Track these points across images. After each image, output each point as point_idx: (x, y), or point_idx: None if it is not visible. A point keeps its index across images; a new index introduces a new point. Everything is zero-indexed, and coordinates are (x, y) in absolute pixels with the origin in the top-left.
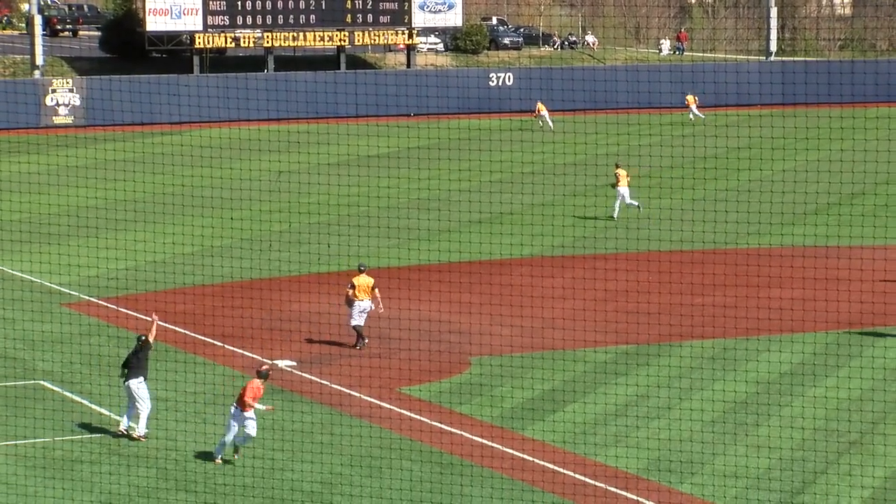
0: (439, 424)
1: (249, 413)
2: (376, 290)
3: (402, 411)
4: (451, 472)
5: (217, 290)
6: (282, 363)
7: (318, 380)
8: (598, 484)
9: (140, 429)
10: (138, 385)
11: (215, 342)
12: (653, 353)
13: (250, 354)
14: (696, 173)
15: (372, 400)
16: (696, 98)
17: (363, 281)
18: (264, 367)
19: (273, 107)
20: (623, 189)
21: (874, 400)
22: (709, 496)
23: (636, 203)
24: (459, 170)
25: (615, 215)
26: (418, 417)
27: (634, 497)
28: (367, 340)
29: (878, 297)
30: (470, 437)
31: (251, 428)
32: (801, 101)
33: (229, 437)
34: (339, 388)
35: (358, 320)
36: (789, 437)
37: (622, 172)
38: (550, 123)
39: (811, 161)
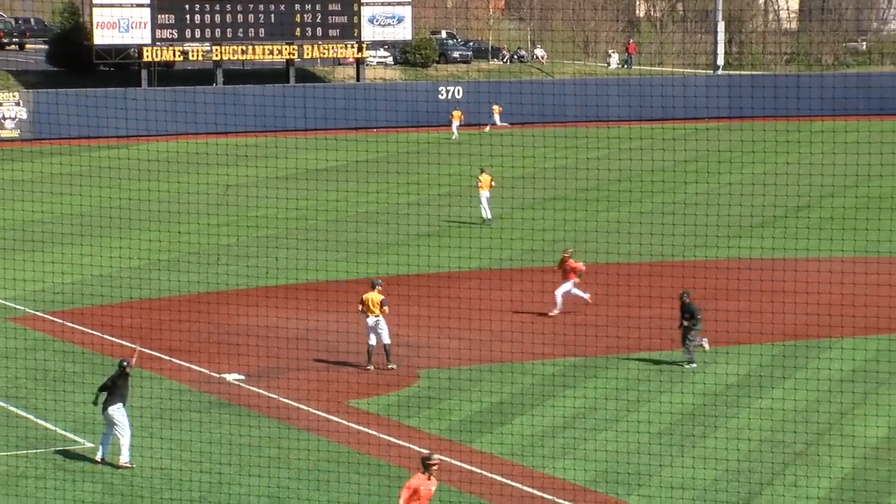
0: (388, 437)
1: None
2: (385, 307)
3: (351, 424)
4: (399, 485)
5: (164, 303)
6: (230, 377)
7: (267, 393)
8: (546, 496)
9: (124, 456)
10: (117, 411)
11: (162, 356)
12: (601, 366)
13: (198, 368)
14: (644, 186)
15: (320, 413)
16: (501, 108)
17: (370, 297)
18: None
19: (221, 120)
20: (484, 193)
21: (819, 411)
22: None
23: (489, 215)
24: (408, 183)
25: (488, 216)
26: (367, 430)
27: None
28: (392, 365)
29: (823, 308)
30: (418, 449)
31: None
32: (748, 115)
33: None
34: (287, 401)
35: (371, 339)
36: (736, 449)
37: (485, 178)
38: (456, 134)
39: (757, 174)
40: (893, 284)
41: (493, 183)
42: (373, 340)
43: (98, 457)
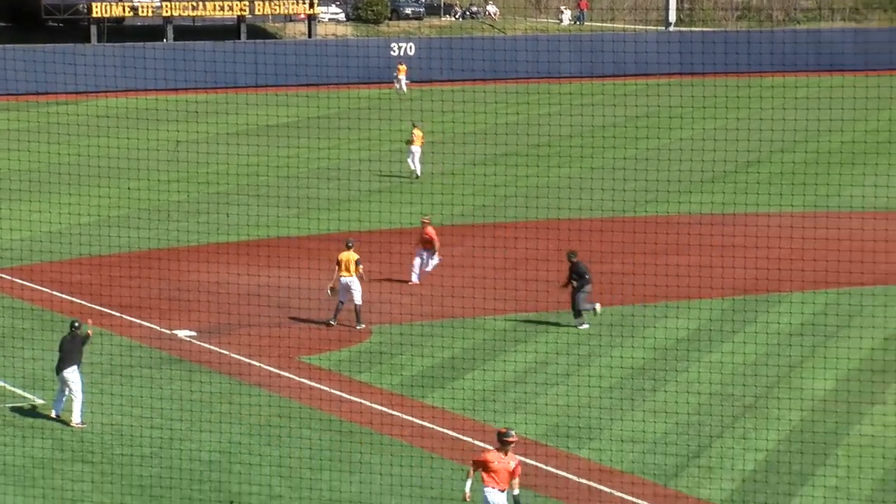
0: (339, 393)
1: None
2: (360, 267)
3: (303, 380)
4: (351, 440)
5: (115, 260)
6: (181, 333)
7: (218, 349)
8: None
9: (76, 417)
10: (71, 373)
11: (113, 312)
12: (552, 321)
13: (149, 324)
14: (596, 142)
15: (272, 369)
16: (406, 68)
17: (346, 257)
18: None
19: (172, 77)
20: (415, 148)
21: (768, 364)
22: (607, 461)
23: (419, 169)
24: (359, 139)
25: (418, 173)
26: (318, 386)
27: (533, 463)
28: (362, 324)
29: (773, 263)
30: (370, 405)
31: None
32: (700, 71)
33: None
34: (238, 357)
35: (342, 297)
36: (686, 402)
37: (418, 133)
38: (405, 87)
39: (708, 130)
40: (842, 239)
41: (423, 139)
42: (343, 298)
43: (53, 413)
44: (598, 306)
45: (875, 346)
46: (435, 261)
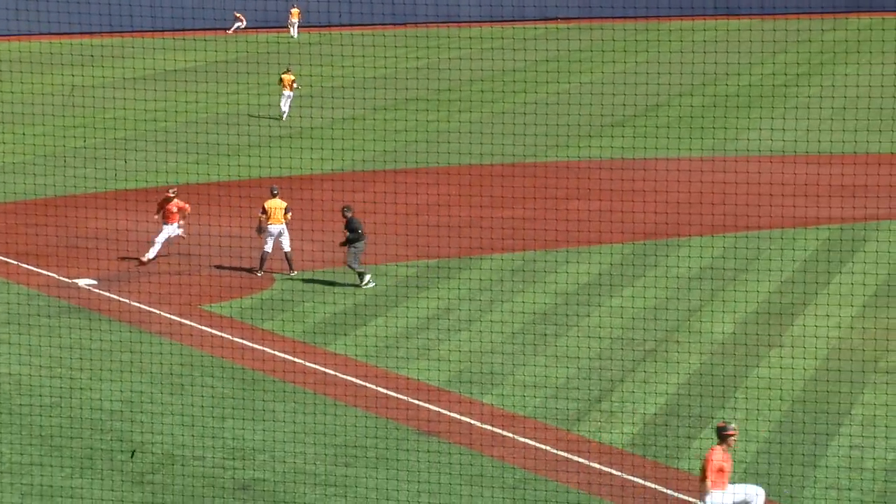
0: (242, 341)
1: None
2: (289, 214)
3: (205, 328)
4: (254, 388)
5: (12, 207)
6: (81, 282)
7: (119, 298)
8: (401, 396)
9: None
10: None
11: (10, 261)
12: (455, 267)
13: (47, 273)
14: (497, 87)
15: (173, 317)
16: (299, 12)
17: (273, 204)
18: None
19: (65, 21)
20: (287, 93)
21: (669, 309)
22: (510, 407)
23: (286, 111)
24: (259, 84)
25: (284, 115)
26: (221, 334)
27: (437, 409)
28: (294, 272)
29: (673, 207)
30: (273, 352)
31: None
32: (599, 16)
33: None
34: (139, 305)
35: (267, 246)
36: (588, 348)
37: (287, 78)
38: (295, 33)
39: (608, 74)
40: (740, 183)
41: (294, 84)
42: (269, 247)
43: None
44: (368, 278)
45: (772, 290)
46: (177, 233)
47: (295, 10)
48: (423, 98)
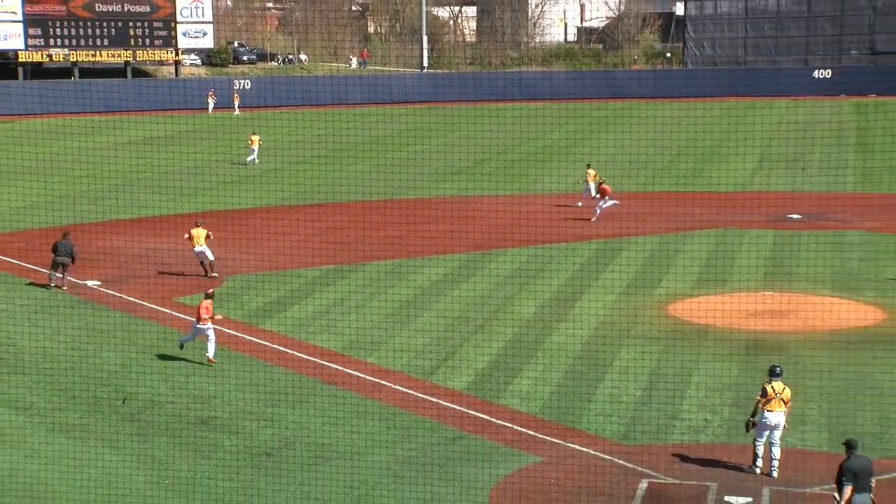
0: None
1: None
2: (210, 236)
3: (177, 314)
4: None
5: (39, 232)
6: (90, 282)
7: (116, 294)
8: (311, 358)
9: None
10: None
11: (39, 269)
12: (348, 270)
13: (66, 277)
14: (375, 147)
15: (154, 307)
16: (238, 96)
17: (196, 232)
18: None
19: (77, 104)
20: (254, 147)
21: (492, 297)
22: (385, 364)
23: (255, 160)
24: (214, 146)
25: (255, 161)
26: (187, 317)
27: (336, 366)
28: (215, 273)
29: (495, 229)
30: (225, 330)
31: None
32: (445, 100)
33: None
34: (130, 299)
35: (202, 258)
36: (438, 324)
37: (255, 137)
38: (238, 110)
39: (451, 138)
40: (539, 212)
41: (258, 141)
42: (206, 257)
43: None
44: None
45: (560, 284)
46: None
47: (236, 94)
48: (325, 155)
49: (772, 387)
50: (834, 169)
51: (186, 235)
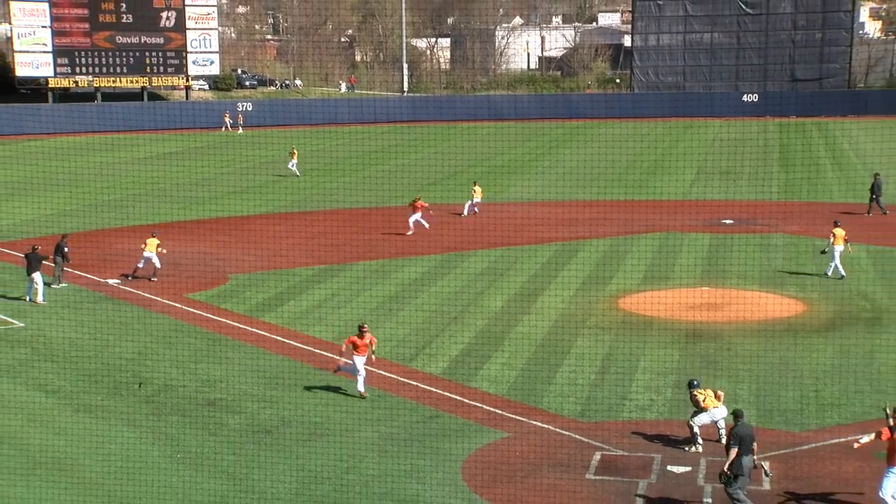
0: (209, 315)
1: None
2: (163, 250)
3: (187, 308)
4: (217, 344)
5: (69, 237)
6: (111, 281)
7: (134, 290)
8: (306, 347)
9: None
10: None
11: (67, 269)
12: (337, 269)
13: (89, 276)
14: (362, 161)
15: (167, 301)
16: (243, 118)
17: (151, 242)
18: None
19: (100, 124)
20: (293, 160)
21: (465, 293)
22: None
23: (296, 172)
24: (221, 161)
25: (297, 174)
26: (197, 311)
27: (328, 354)
28: (155, 279)
29: (468, 232)
30: (228, 322)
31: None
32: (423, 120)
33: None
34: (146, 295)
35: (145, 264)
36: (418, 316)
37: (295, 151)
38: (241, 129)
39: (428, 153)
40: (507, 218)
41: (297, 155)
42: (140, 264)
43: (27, 298)
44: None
45: (525, 281)
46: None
47: (240, 115)
48: (318, 168)
49: (699, 391)
50: (761, 180)
51: (143, 245)
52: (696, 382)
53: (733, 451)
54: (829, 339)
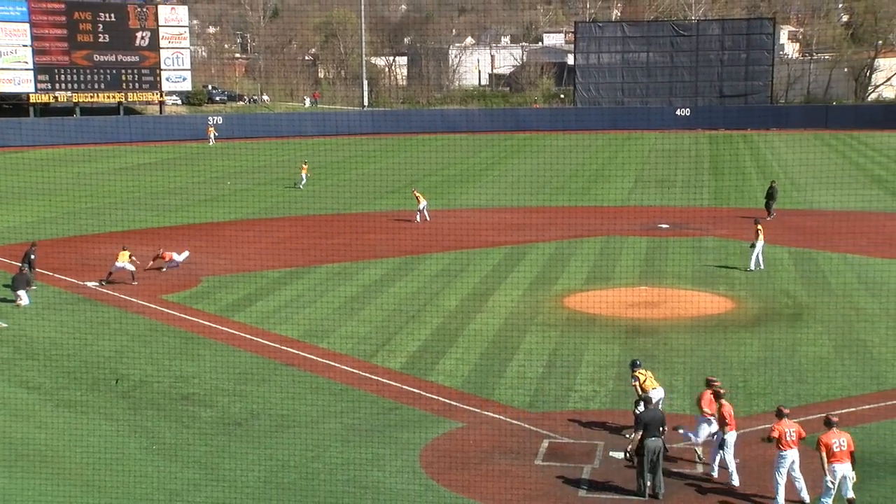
0: (183, 315)
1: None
2: (132, 258)
3: (162, 308)
4: (190, 342)
5: (49, 242)
6: (90, 283)
7: (112, 292)
8: (273, 344)
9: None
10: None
11: (47, 273)
12: (303, 271)
13: (69, 279)
14: (327, 171)
15: (143, 303)
16: (215, 130)
17: (121, 255)
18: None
19: (79, 137)
20: (304, 174)
21: (422, 293)
22: (335, 348)
23: (303, 183)
24: (194, 171)
25: (302, 185)
26: (171, 312)
27: (294, 350)
28: (135, 282)
29: (425, 236)
30: (201, 321)
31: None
32: (383, 132)
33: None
34: (122, 296)
35: (118, 272)
36: (378, 315)
37: (305, 166)
38: (213, 142)
39: (390, 163)
40: (462, 223)
41: (307, 169)
42: (113, 269)
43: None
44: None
45: (478, 282)
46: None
47: (211, 128)
48: (284, 178)
49: (640, 371)
50: (693, 188)
51: (115, 258)
52: (638, 362)
53: (637, 435)
54: (756, 334)
